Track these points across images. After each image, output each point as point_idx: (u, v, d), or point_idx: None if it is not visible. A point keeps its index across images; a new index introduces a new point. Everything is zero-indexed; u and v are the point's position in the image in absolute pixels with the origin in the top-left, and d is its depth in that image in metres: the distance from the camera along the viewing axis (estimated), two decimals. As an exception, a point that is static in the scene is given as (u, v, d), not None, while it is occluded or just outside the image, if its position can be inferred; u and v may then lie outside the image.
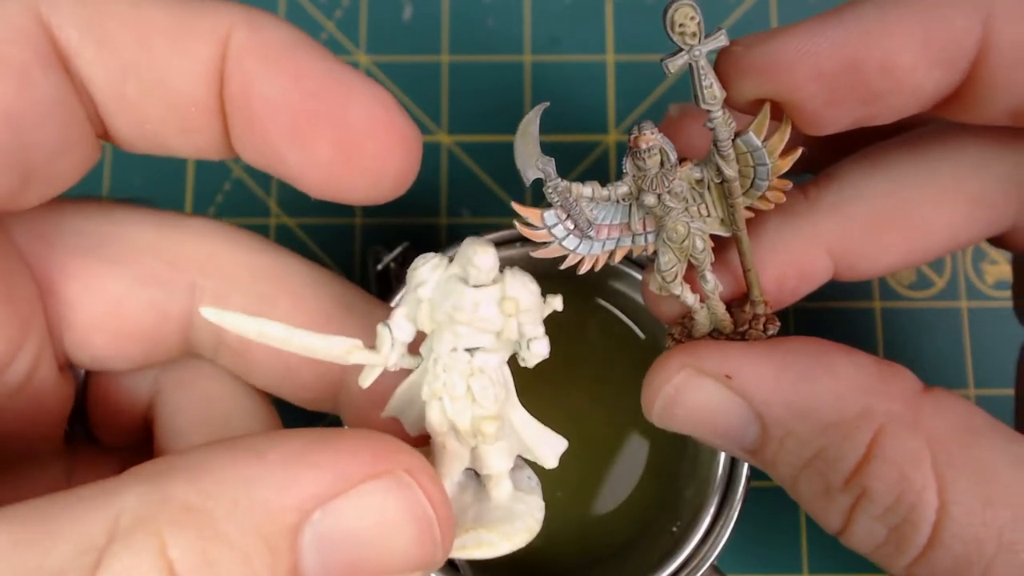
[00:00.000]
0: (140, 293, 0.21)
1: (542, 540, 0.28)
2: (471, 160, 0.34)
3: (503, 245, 0.26)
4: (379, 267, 0.29)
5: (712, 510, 0.25)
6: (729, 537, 0.24)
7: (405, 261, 0.29)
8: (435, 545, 0.17)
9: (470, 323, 0.18)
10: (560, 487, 0.28)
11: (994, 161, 0.21)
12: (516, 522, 0.19)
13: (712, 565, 0.24)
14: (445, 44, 0.35)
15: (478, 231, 0.26)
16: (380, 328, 0.18)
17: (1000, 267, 0.34)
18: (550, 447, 0.20)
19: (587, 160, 0.34)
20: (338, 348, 0.18)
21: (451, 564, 0.26)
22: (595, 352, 0.29)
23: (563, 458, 0.29)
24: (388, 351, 0.18)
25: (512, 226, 0.26)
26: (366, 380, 0.19)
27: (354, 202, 0.20)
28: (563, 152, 0.34)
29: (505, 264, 0.26)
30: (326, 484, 0.16)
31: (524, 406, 0.30)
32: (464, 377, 0.18)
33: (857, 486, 0.18)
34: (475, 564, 0.26)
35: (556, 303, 0.19)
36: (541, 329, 0.19)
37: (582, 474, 0.28)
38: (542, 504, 0.20)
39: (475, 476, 0.20)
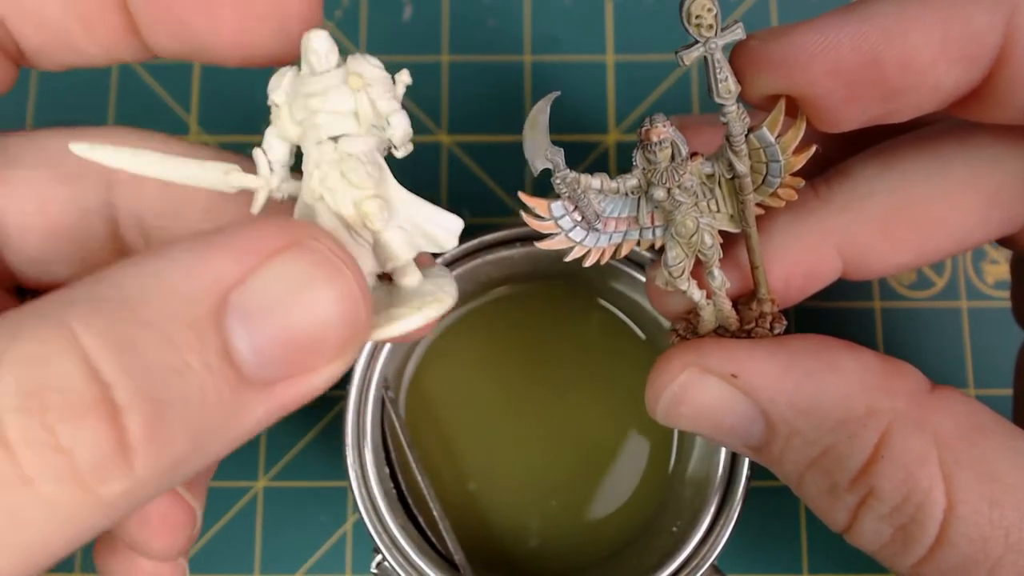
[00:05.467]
0: (60, 190, 0.21)
1: (542, 540, 0.28)
2: (471, 160, 0.34)
3: (503, 245, 0.26)
4: (379, 267, 0.29)
5: (712, 510, 0.25)
6: (729, 537, 0.24)
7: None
8: (357, 302, 0.16)
9: (324, 107, 0.18)
10: (560, 488, 0.29)
11: (1009, 160, 0.21)
12: (426, 296, 0.19)
13: (712, 565, 0.24)
14: (445, 44, 0.35)
15: (478, 231, 0.26)
16: (254, 151, 0.19)
17: (1000, 267, 0.34)
18: (444, 226, 0.19)
19: (587, 160, 0.34)
20: (216, 171, 0.18)
21: (451, 564, 0.26)
22: (594, 352, 0.29)
23: (563, 459, 0.29)
24: (266, 171, 0.19)
25: (512, 226, 0.26)
26: (255, 206, 0.19)
27: (266, 60, 0.20)
28: (563, 152, 0.34)
29: (506, 259, 0.26)
30: (237, 263, 0.15)
31: (522, 407, 0.30)
32: (335, 165, 0.18)
33: (864, 485, 0.18)
34: (476, 564, 0.26)
35: (404, 77, 0.19)
36: (397, 104, 0.19)
37: (582, 474, 0.28)
38: (453, 282, 0.20)
39: (385, 284, 0.20)
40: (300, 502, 0.32)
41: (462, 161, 0.34)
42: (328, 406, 0.33)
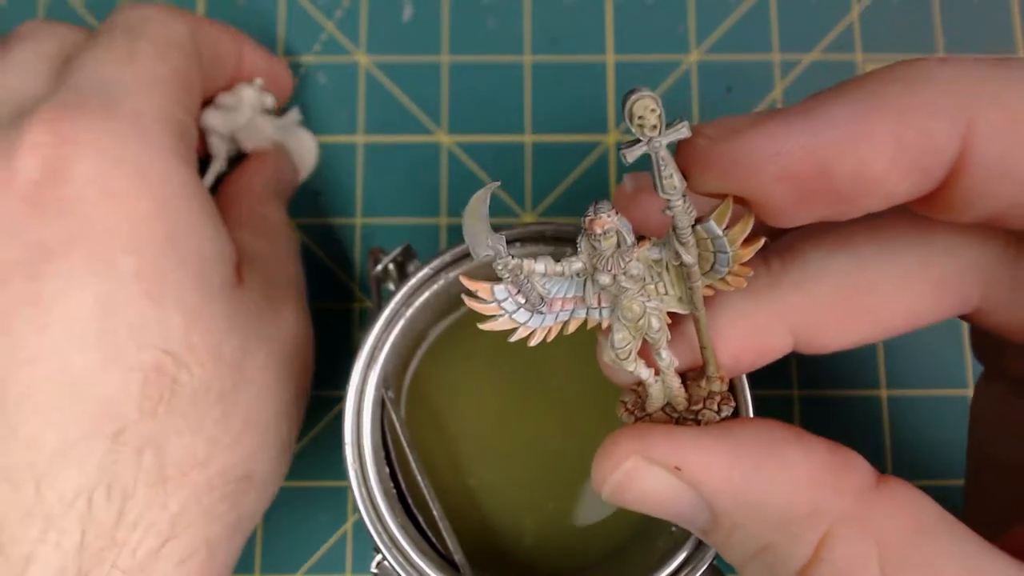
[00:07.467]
0: None
1: (541, 542, 0.28)
2: (471, 160, 0.34)
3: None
4: (379, 268, 0.29)
5: (712, 510, 0.25)
6: (729, 537, 0.24)
7: (405, 261, 0.29)
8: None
9: None
10: (559, 490, 0.29)
11: (962, 247, 0.20)
12: None
13: (711, 565, 0.24)
14: (445, 44, 0.35)
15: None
16: None
17: (1000, 267, 0.34)
18: None
19: (587, 160, 0.34)
20: None
21: (451, 564, 0.26)
22: (593, 355, 0.29)
23: (563, 459, 0.29)
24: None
25: (512, 227, 0.26)
26: None
27: None
28: (563, 152, 0.34)
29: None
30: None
31: (522, 407, 0.30)
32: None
33: None
34: (476, 564, 0.26)
35: None
36: None
37: (582, 475, 0.28)
38: None
39: None
40: (300, 502, 0.32)
41: (462, 161, 0.34)
42: (328, 406, 0.33)
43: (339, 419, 0.28)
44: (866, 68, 0.35)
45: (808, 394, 0.33)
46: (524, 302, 0.19)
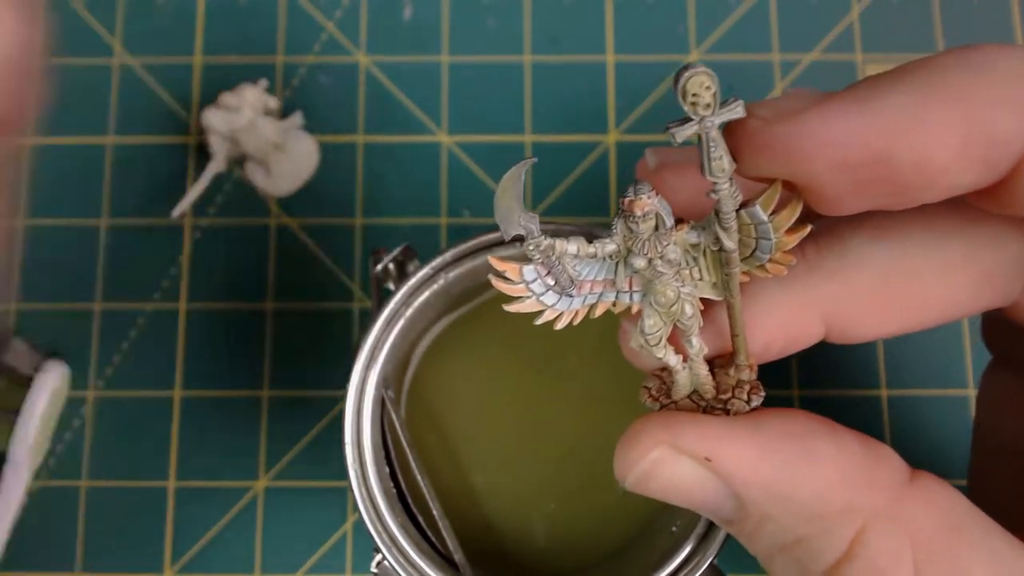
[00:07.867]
0: None
1: (543, 541, 0.28)
2: (471, 160, 0.34)
3: (503, 244, 0.26)
4: (378, 268, 0.29)
5: (712, 510, 0.25)
6: (729, 536, 0.24)
7: (405, 261, 0.29)
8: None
9: None
10: (560, 488, 0.29)
11: (1009, 239, 0.20)
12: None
13: (712, 564, 0.24)
14: (445, 44, 0.35)
15: (478, 231, 0.26)
16: None
17: (1000, 267, 0.34)
18: None
19: (587, 160, 0.34)
20: None
21: (451, 564, 0.26)
22: (597, 349, 0.29)
23: (564, 459, 0.29)
24: None
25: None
26: None
27: None
28: (563, 152, 0.34)
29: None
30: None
31: (523, 406, 0.30)
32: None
33: None
34: (476, 564, 0.26)
35: None
36: None
37: (583, 474, 0.28)
38: None
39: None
40: (300, 502, 0.32)
41: (462, 161, 0.34)
42: (328, 406, 0.33)
43: (339, 419, 0.28)
44: (866, 68, 0.35)
45: (808, 394, 0.33)
46: (553, 284, 0.18)
